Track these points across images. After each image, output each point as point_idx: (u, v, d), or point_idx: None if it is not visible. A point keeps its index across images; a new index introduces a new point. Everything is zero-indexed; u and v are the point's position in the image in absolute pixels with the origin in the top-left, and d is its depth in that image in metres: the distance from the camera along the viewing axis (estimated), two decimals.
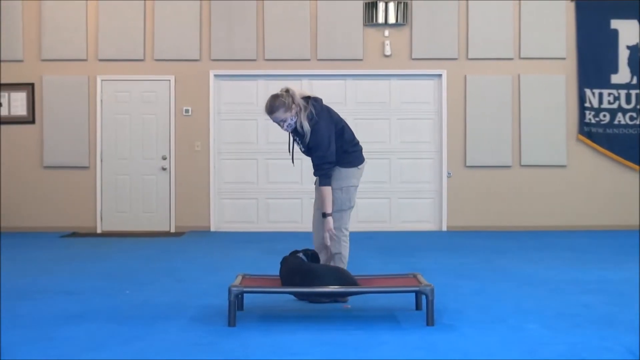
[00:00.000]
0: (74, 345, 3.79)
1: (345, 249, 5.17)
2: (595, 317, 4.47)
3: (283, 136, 10.18)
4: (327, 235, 5.04)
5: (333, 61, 10.25)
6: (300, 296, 4.80)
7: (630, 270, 6.42)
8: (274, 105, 5.01)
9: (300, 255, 4.74)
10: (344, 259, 5.18)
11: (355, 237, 9.44)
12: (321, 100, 5.22)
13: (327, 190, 5.06)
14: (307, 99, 5.10)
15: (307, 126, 5.05)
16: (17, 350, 3.67)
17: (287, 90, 5.06)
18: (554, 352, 3.62)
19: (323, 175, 5.11)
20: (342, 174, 5.18)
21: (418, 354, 3.60)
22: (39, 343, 3.82)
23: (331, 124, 5.14)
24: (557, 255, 7.54)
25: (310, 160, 5.20)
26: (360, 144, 5.42)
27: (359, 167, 5.31)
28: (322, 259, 5.12)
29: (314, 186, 5.39)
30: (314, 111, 5.05)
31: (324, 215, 5.06)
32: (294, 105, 4.99)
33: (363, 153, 5.41)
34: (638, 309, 4.67)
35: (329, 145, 5.06)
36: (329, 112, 5.21)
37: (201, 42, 10.23)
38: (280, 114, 4.99)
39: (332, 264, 5.06)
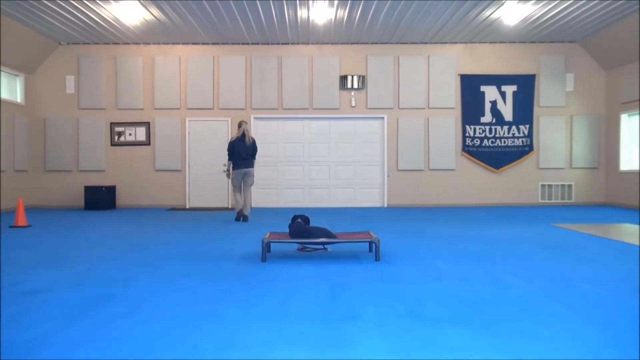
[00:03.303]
0: (172, 273, 3.70)
1: (234, 195, 7.22)
2: (474, 255, 4.41)
3: (293, 152, 10.10)
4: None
5: (321, 109, 10.18)
6: (302, 246, 4.71)
7: (496, 229, 6.39)
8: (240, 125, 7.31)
9: (299, 220, 4.65)
10: (234, 197, 7.26)
11: (335, 211, 9.45)
12: (245, 138, 7.13)
13: (229, 162, 7.25)
14: (242, 133, 7.15)
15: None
16: (139, 281, 3.57)
17: (245, 123, 7.28)
18: (451, 276, 3.57)
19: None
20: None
21: (371, 276, 3.54)
22: (152, 273, 3.74)
23: (232, 145, 7.08)
24: (452, 221, 7.49)
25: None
26: (239, 164, 7.19)
27: (235, 171, 7.21)
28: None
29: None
30: (233, 137, 7.22)
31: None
32: (238, 129, 7.22)
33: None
34: (501, 249, 4.64)
35: (228, 149, 7.19)
36: (238, 141, 7.07)
37: (245, 97, 10.14)
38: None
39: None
